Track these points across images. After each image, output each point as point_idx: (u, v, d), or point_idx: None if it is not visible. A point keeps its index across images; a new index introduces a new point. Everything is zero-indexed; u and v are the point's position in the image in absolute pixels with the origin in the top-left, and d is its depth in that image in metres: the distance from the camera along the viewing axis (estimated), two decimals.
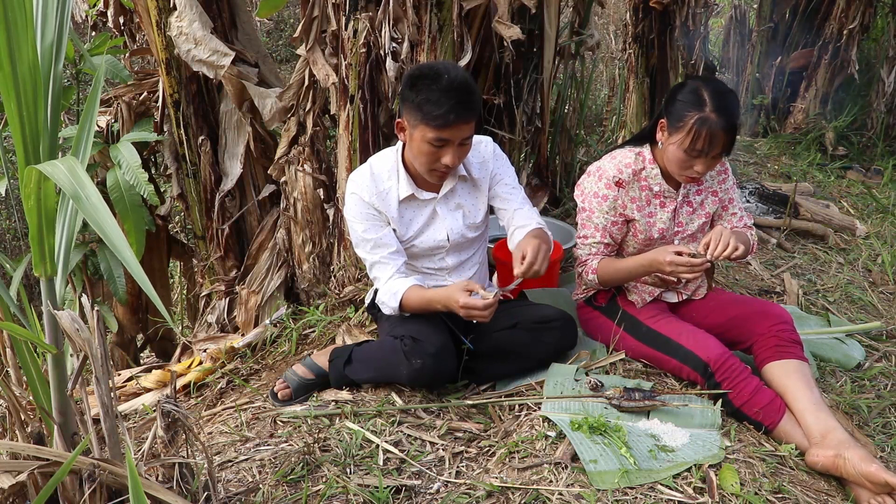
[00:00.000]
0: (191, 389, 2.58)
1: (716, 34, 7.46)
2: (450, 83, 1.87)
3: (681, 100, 2.01)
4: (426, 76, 1.90)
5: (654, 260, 2.04)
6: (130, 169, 3.00)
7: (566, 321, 2.20)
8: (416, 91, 1.90)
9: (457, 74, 1.90)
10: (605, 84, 6.59)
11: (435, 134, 1.90)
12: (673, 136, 2.02)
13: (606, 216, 2.18)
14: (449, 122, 1.88)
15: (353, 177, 2.12)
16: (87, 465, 1.23)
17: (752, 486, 1.67)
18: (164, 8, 2.88)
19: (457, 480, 1.71)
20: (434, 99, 1.87)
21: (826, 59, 5.38)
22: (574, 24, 3.59)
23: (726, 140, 1.98)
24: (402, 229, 2.13)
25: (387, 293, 2.08)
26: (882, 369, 2.48)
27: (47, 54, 1.20)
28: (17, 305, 1.33)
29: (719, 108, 1.95)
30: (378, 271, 2.11)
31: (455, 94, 1.87)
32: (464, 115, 1.89)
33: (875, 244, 3.69)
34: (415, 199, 2.12)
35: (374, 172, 2.10)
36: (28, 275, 3.85)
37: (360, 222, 2.10)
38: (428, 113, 1.88)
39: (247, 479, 1.75)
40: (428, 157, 1.97)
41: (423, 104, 1.89)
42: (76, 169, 1.03)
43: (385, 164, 2.11)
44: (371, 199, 2.07)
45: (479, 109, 1.97)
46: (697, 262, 1.96)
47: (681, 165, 2.04)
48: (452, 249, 2.20)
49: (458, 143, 1.94)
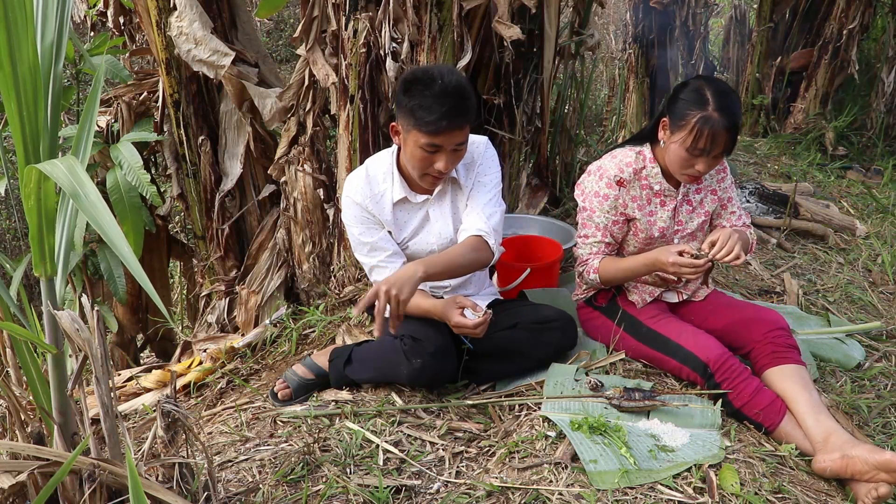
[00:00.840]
0: (191, 389, 2.58)
1: (716, 34, 7.46)
2: (443, 89, 1.85)
3: (683, 98, 2.01)
4: (420, 81, 1.89)
5: (656, 260, 2.04)
6: (132, 169, 3.00)
7: (566, 321, 2.20)
8: (410, 96, 1.88)
9: (451, 79, 1.88)
10: (605, 84, 6.59)
11: (427, 140, 1.89)
12: (675, 134, 2.02)
13: (607, 215, 2.18)
14: (441, 129, 1.87)
15: (348, 179, 2.11)
16: (87, 465, 1.23)
17: (752, 486, 1.67)
18: (164, 8, 2.88)
19: (457, 480, 1.71)
20: (427, 105, 1.85)
21: (826, 59, 5.38)
22: (574, 24, 3.59)
23: (728, 139, 1.98)
24: (396, 232, 2.13)
25: None
26: (882, 369, 2.48)
27: (47, 54, 1.20)
28: (17, 305, 1.33)
29: (722, 107, 1.95)
30: (377, 275, 2.10)
31: (448, 99, 1.85)
32: (456, 121, 1.88)
33: (875, 244, 3.69)
34: (408, 201, 2.11)
35: (369, 175, 2.09)
36: (28, 275, 3.85)
37: (356, 226, 2.09)
38: (420, 119, 1.87)
39: (247, 479, 1.75)
40: (421, 163, 1.95)
41: (415, 109, 1.87)
42: (76, 168, 1.03)
43: (381, 166, 2.11)
44: (365, 203, 2.07)
45: (472, 115, 1.95)
46: (700, 263, 1.96)
47: (682, 164, 2.04)
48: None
49: (450, 148, 1.93)
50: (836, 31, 5.31)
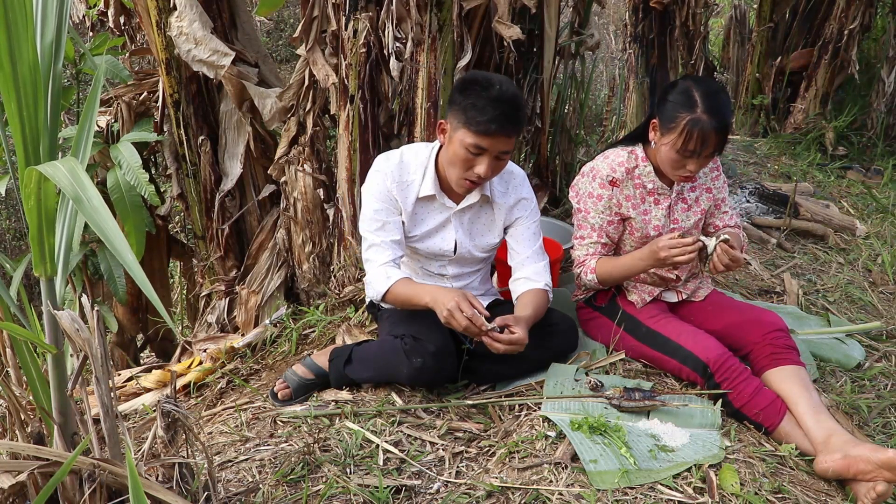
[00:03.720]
0: (191, 389, 2.58)
1: (716, 34, 7.46)
2: (500, 94, 1.90)
3: (672, 100, 2.02)
4: (479, 82, 1.93)
5: (650, 251, 2.05)
6: (131, 169, 3.00)
7: (568, 325, 2.22)
8: (465, 95, 1.92)
9: (508, 88, 1.94)
10: (605, 84, 6.59)
11: (474, 140, 1.92)
12: (665, 136, 2.04)
13: (602, 216, 2.18)
14: (490, 131, 1.90)
15: (381, 157, 2.13)
16: (87, 465, 1.23)
17: (752, 486, 1.67)
18: (164, 8, 2.88)
19: (457, 480, 1.71)
20: (480, 105, 1.89)
21: (826, 59, 5.37)
22: (574, 24, 3.59)
23: (718, 140, 1.99)
24: (410, 225, 2.13)
25: (379, 276, 2.04)
26: (882, 369, 2.48)
27: (47, 54, 1.20)
28: (17, 305, 1.33)
29: (710, 108, 1.96)
30: (375, 253, 2.08)
31: (502, 105, 1.89)
32: (506, 127, 1.91)
33: (875, 244, 3.69)
34: (434, 200, 2.12)
35: (403, 161, 2.11)
36: (28, 275, 3.84)
37: (376, 200, 2.09)
38: (472, 118, 1.90)
39: (247, 479, 1.75)
40: (463, 163, 1.98)
41: (468, 108, 1.91)
42: (76, 170, 1.03)
43: (417, 157, 2.12)
44: (391, 185, 2.08)
45: (522, 127, 2.00)
46: (688, 241, 1.97)
47: (673, 165, 2.06)
48: (456, 261, 2.21)
49: (494, 154, 1.96)
50: (836, 31, 5.30)
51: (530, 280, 2.15)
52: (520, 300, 2.14)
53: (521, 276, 2.17)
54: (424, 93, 2.55)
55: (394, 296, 2.03)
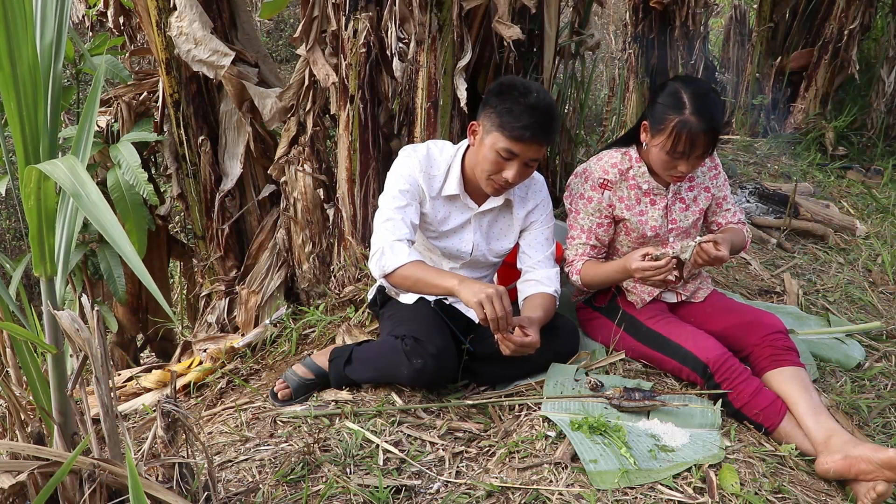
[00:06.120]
0: (191, 389, 2.58)
1: (716, 34, 7.46)
2: (537, 102, 1.91)
3: (661, 102, 2.03)
4: (517, 88, 1.94)
5: (625, 267, 2.04)
6: (130, 169, 3.00)
7: (570, 328, 2.22)
8: (502, 99, 1.93)
9: (545, 97, 1.96)
10: (605, 84, 6.59)
11: (506, 144, 1.93)
12: (655, 138, 2.04)
13: (591, 218, 2.19)
14: (523, 138, 1.91)
15: (409, 147, 2.14)
16: (87, 465, 1.23)
17: (752, 486, 1.67)
18: (164, 8, 2.88)
19: (457, 480, 1.71)
20: (517, 111, 1.90)
21: (826, 59, 5.37)
22: (574, 24, 3.59)
23: (707, 141, 1.99)
24: (432, 219, 2.14)
25: (390, 251, 1.96)
26: (882, 369, 2.48)
27: (47, 54, 1.20)
28: (17, 305, 1.33)
29: (699, 110, 1.96)
30: (391, 227, 2.00)
31: (538, 113, 1.90)
32: (539, 135, 1.92)
33: (875, 244, 3.69)
34: (457, 200, 2.13)
35: (430, 155, 2.12)
36: (28, 275, 3.85)
37: (404, 181, 2.06)
38: (507, 123, 1.91)
39: (247, 479, 1.75)
40: (492, 166, 1.98)
41: (504, 113, 1.91)
42: (76, 168, 1.03)
43: (442, 154, 2.13)
44: (419, 174, 2.08)
45: (554, 137, 2.02)
46: (661, 265, 1.95)
47: (664, 167, 2.07)
48: (469, 264, 2.22)
49: (524, 161, 1.96)
50: (836, 31, 5.30)
51: (541, 283, 2.15)
52: (529, 302, 2.13)
53: (532, 279, 2.17)
54: (424, 93, 2.55)
55: (405, 275, 1.93)
